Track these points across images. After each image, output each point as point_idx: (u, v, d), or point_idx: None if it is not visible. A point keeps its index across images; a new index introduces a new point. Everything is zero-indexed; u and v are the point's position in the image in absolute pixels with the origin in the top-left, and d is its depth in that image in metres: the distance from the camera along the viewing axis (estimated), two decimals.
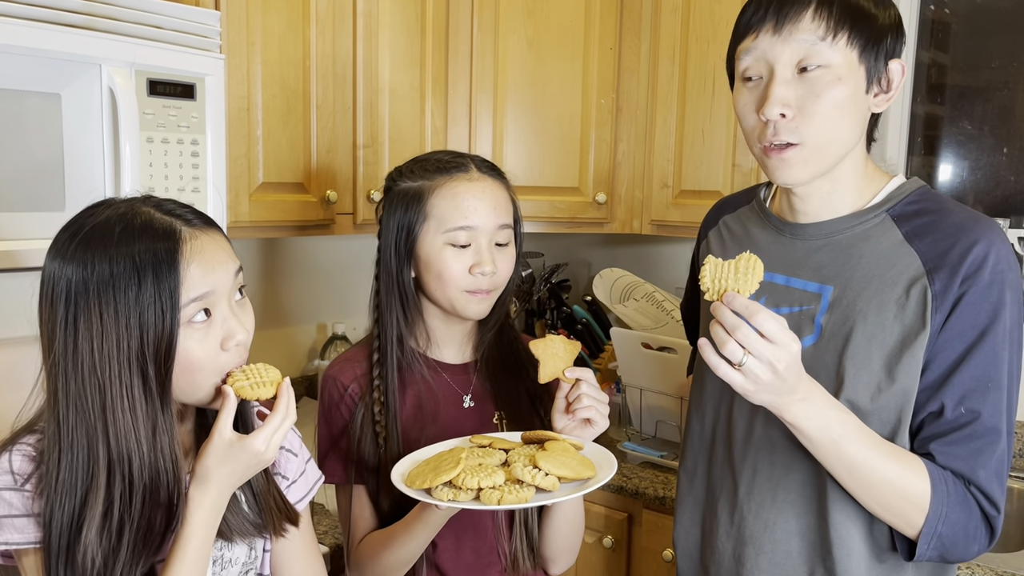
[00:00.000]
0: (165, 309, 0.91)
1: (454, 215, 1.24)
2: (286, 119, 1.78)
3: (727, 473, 1.25)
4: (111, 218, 0.94)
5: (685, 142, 2.14)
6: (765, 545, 1.20)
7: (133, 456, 0.93)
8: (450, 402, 1.33)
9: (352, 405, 1.29)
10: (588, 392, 1.20)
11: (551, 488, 1.07)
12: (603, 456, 1.18)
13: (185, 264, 0.93)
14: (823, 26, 1.05)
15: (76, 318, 0.92)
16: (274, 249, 2.23)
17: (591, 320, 2.45)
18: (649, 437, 2.12)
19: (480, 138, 2.17)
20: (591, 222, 2.26)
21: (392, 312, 1.29)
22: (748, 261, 1.01)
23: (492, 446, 1.18)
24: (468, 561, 1.31)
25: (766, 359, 0.98)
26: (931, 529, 1.07)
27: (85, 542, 0.91)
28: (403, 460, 1.17)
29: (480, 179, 1.27)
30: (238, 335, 0.98)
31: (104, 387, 0.92)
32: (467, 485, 1.06)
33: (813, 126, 1.07)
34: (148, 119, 1.47)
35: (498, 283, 1.28)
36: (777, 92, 1.06)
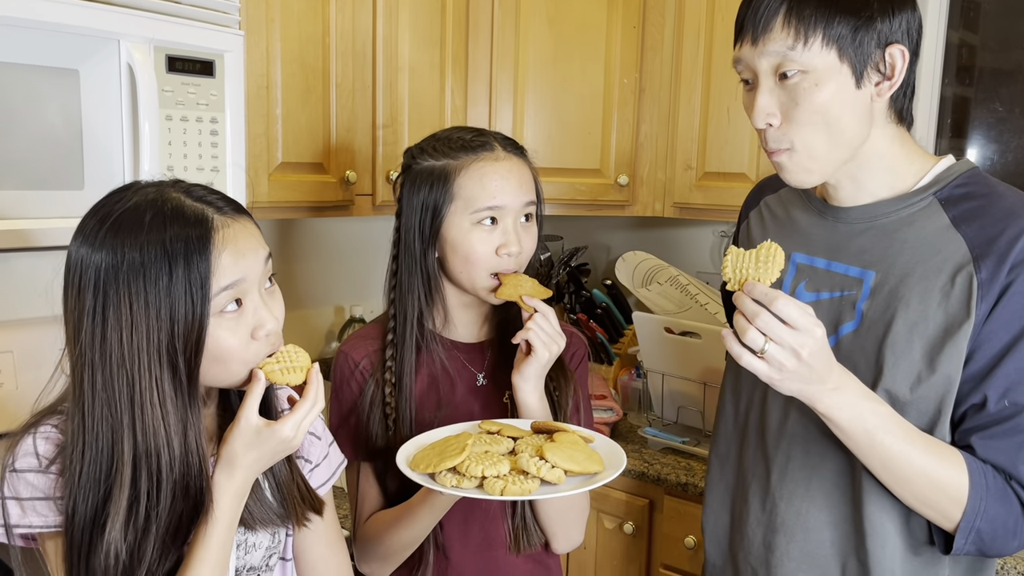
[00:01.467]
0: (196, 299, 0.89)
1: (482, 195, 1.22)
2: (305, 98, 1.75)
3: (759, 460, 1.23)
4: (140, 204, 0.92)
5: (710, 122, 2.10)
6: (797, 534, 1.18)
7: (162, 451, 0.91)
8: (463, 380, 1.32)
9: (362, 381, 1.28)
10: (537, 320, 1.20)
11: (556, 481, 1.05)
12: (612, 451, 1.16)
13: (217, 253, 0.91)
14: (791, 33, 1.03)
15: (105, 308, 0.89)
16: (292, 230, 2.20)
17: (611, 304, 2.42)
18: (671, 423, 2.09)
19: (500, 118, 2.14)
20: (613, 204, 2.22)
21: (413, 293, 1.27)
22: (769, 250, 1.01)
23: (501, 433, 1.16)
24: (475, 541, 1.31)
25: (788, 345, 0.96)
26: (969, 523, 1.04)
27: (109, 538, 0.89)
28: (409, 443, 1.16)
29: (506, 158, 1.25)
30: (268, 324, 0.95)
31: (133, 380, 0.89)
32: (471, 472, 1.04)
33: (799, 133, 1.06)
34: (167, 96, 1.44)
35: (522, 262, 1.26)
36: (760, 103, 1.07)
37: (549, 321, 1.21)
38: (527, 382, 1.23)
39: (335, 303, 2.35)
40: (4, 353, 1.59)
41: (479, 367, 1.34)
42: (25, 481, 0.92)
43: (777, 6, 1.04)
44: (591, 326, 2.36)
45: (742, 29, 1.08)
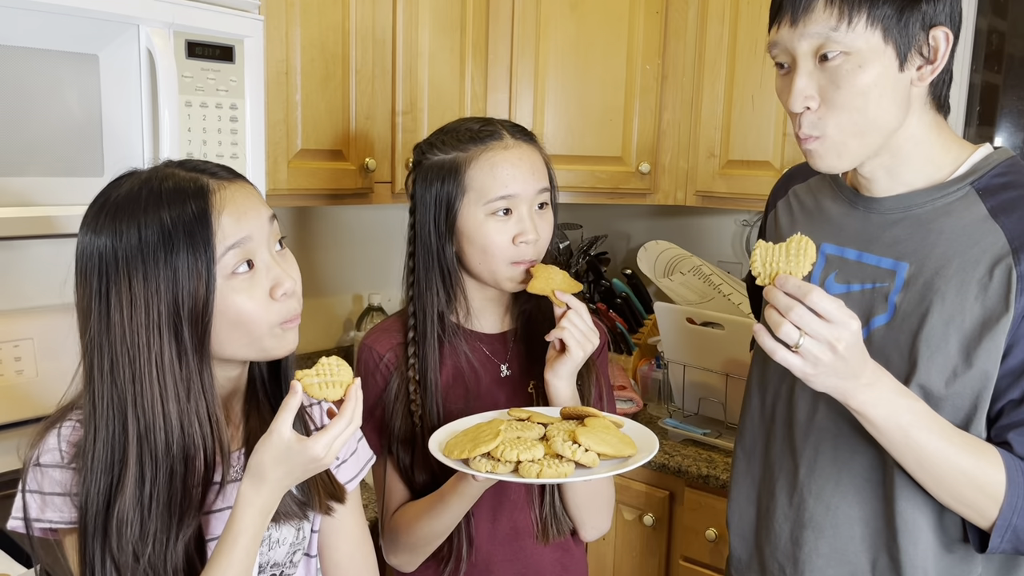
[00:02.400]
0: (200, 263, 0.88)
1: (494, 185, 1.21)
2: (325, 84, 1.74)
3: (787, 454, 1.21)
4: (135, 185, 0.92)
5: (734, 109, 2.06)
6: (826, 529, 1.16)
7: (159, 426, 0.90)
8: (487, 372, 1.31)
9: (388, 375, 1.28)
10: (571, 317, 1.18)
11: (591, 464, 1.05)
12: (644, 435, 1.15)
13: (216, 214, 0.90)
14: (835, 13, 0.99)
15: (108, 290, 0.89)
16: (310, 218, 2.19)
17: (630, 294, 2.40)
18: (691, 414, 2.07)
19: (520, 105, 2.11)
20: (634, 193, 2.20)
21: (432, 290, 1.26)
22: (799, 243, 0.99)
23: (531, 420, 1.16)
24: (504, 531, 1.30)
25: (823, 339, 0.94)
26: (1005, 521, 1.02)
27: (119, 518, 0.89)
28: (440, 430, 1.15)
29: (516, 146, 1.24)
30: (285, 283, 0.94)
31: (134, 357, 0.89)
32: (506, 457, 1.04)
33: (838, 117, 1.03)
34: (187, 82, 1.43)
35: (540, 250, 1.25)
36: (798, 85, 1.03)
37: (583, 318, 1.20)
38: (560, 380, 1.22)
39: (354, 291, 2.33)
40: (25, 340, 1.59)
41: (502, 358, 1.32)
42: (48, 476, 0.92)
43: None
44: (610, 316, 2.33)
45: (780, 10, 1.04)
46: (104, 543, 0.90)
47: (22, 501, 0.92)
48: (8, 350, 1.58)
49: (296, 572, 1.07)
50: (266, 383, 1.06)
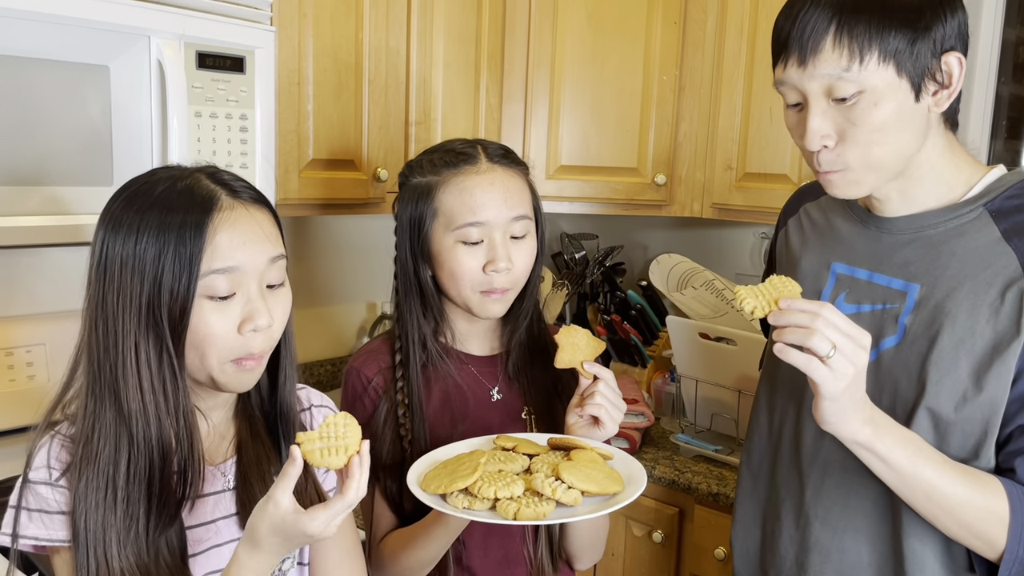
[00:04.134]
0: (182, 271, 0.88)
1: (462, 211, 1.19)
2: (337, 94, 1.74)
3: (793, 475, 1.19)
4: (159, 180, 0.93)
5: (751, 122, 2.03)
6: (832, 554, 1.14)
7: (139, 413, 0.91)
8: (477, 396, 1.28)
9: (376, 399, 1.25)
10: (603, 391, 1.15)
11: (572, 503, 1.01)
12: (633, 469, 1.11)
13: (212, 231, 0.90)
14: (845, 53, 0.96)
15: (104, 268, 0.91)
16: (323, 227, 2.20)
17: (646, 306, 2.38)
18: (704, 430, 2.04)
19: (536, 116, 2.10)
20: (649, 204, 2.18)
21: (413, 313, 1.25)
22: (781, 280, 0.98)
23: (516, 449, 1.13)
24: (496, 559, 1.28)
25: (848, 352, 0.93)
26: (1012, 555, 0.99)
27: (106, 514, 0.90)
28: (420, 460, 1.12)
29: (489, 170, 1.21)
30: (259, 319, 0.93)
31: (117, 337, 0.90)
32: (483, 494, 1.01)
33: (857, 153, 1.01)
34: (197, 93, 1.44)
35: (515, 280, 1.22)
36: (813, 126, 1.00)
37: (613, 389, 1.17)
38: None
39: (367, 299, 2.34)
40: (37, 345, 1.61)
41: (493, 381, 1.30)
42: (36, 493, 0.92)
43: (825, 24, 0.97)
44: (625, 328, 2.31)
45: (786, 49, 1.01)
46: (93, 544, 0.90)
47: (11, 516, 0.92)
48: (20, 355, 1.60)
49: None
50: (262, 394, 1.06)
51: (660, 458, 1.96)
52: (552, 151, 2.13)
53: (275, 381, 1.05)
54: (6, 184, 1.28)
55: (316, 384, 2.10)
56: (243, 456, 1.03)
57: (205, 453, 1.01)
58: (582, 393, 1.18)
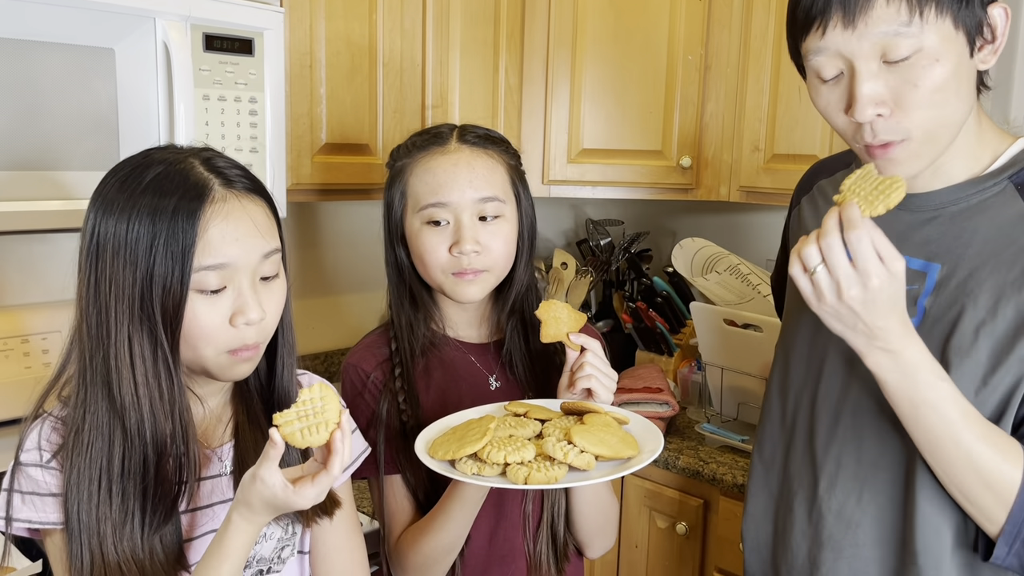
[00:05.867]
0: (175, 265, 0.86)
1: (426, 192, 1.17)
2: (351, 77, 1.71)
3: (807, 466, 1.13)
4: (151, 162, 0.91)
5: (779, 101, 1.96)
6: (845, 549, 1.08)
7: (132, 406, 0.89)
8: (475, 384, 1.25)
9: (377, 393, 1.22)
10: (591, 361, 1.12)
11: (585, 467, 0.97)
12: (648, 432, 1.07)
13: (204, 225, 0.87)
14: (903, 8, 0.88)
15: (97, 257, 0.88)
16: (339, 213, 2.17)
17: (672, 293, 2.32)
18: (730, 419, 1.98)
19: (557, 98, 2.05)
20: (674, 188, 2.12)
21: (399, 297, 1.24)
22: (893, 183, 0.90)
23: (528, 415, 1.09)
24: (500, 553, 1.24)
25: (836, 278, 0.88)
26: (1014, 528, 0.93)
27: (100, 505, 0.89)
28: (430, 427, 1.09)
29: (456, 150, 1.19)
30: (250, 313, 0.90)
31: (109, 330, 0.88)
32: (493, 459, 0.97)
33: (916, 118, 0.92)
34: (204, 75, 1.42)
35: (489, 263, 1.18)
36: (865, 91, 0.91)
37: (601, 358, 1.14)
38: None
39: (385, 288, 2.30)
40: (53, 333, 1.61)
41: (490, 369, 1.27)
42: (27, 475, 0.91)
43: None
44: (650, 315, 2.26)
45: (825, 12, 0.92)
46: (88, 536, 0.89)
47: (4, 499, 0.91)
48: (36, 343, 1.60)
49: (286, 569, 1.04)
50: (260, 379, 1.04)
51: (685, 448, 1.91)
52: (574, 134, 2.08)
53: (272, 367, 1.02)
54: (13, 169, 1.27)
55: (331, 376, 2.08)
56: (240, 440, 1.02)
57: (202, 437, 1.00)
58: (571, 368, 1.15)
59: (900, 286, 0.89)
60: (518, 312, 1.26)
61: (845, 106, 0.94)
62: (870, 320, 0.89)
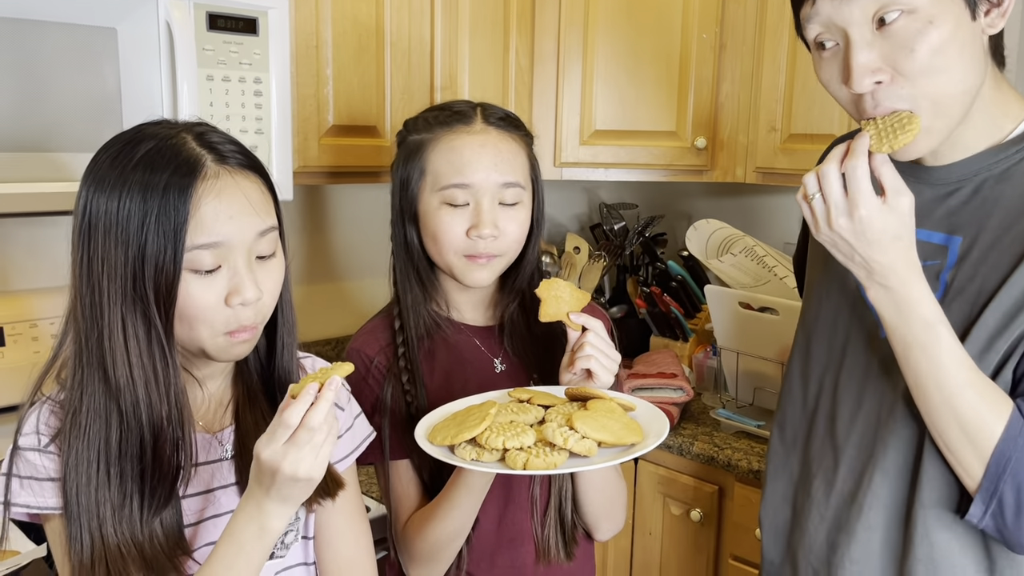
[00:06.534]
0: (167, 244, 0.84)
1: (448, 171, 1.14)
2: (358, 57, 1.68)
3: (827, 450, 1.11)
4: (142, 138, 0.88)
5: (797, 80, 1.92)
6: (858, 533, 1.06)
7: (128, 388, 0.87)
8: (480, 367, 1.23)
9: (381, 378, 1.20)
10: (592, 341, 1.09)
11: (586, 453, 0.95)
12: (654, 419, 1.05)
13: (196, 202, 0.85)
14: None
15: (88, 235, 0.86)
16: (347, 196, 2.15)
17: (687, 277, 2.28)
18: (745, 405, 1.95)
19: (569, 78, 2.02)
20: (689, 170, 2.08)
21: (405, 276, 1.21)
22: (909, 119, 0.89)
23: (531, 401, 1.07)
24: (507, 537, 1.22)
25: (829, 204, 0.89)
26: (990, 486, 0.90)
27: (99, 489, 0.87)
28: (431, 414, 1.08)
29: (483, 131, 1.16)
30: (246, 293, 0.88)
31: (102, 311, 0.86)
32: (491, 444, 0.95)
33: (920, 85, 0.89)
34: (207, 55, 1.40)
35: (503, 248, 1.17)
36: (859, 60, 0.89)
37: (603, 338, 1.11)
38: None
39: None
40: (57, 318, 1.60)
41: (495, 352, 1.25)
42: (25, 459, 0.90)
43: None
44: (665, 299, 2.22)
45: None
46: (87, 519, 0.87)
47: (3, 484, 0.90)
48: (45, 327, 1.59)
49: (290, 554, 1.03)
50: (260, 360, 1.02)
51: (699, 434, 1.88)
52: (586, 115, 2.04)
53: (272, 347, 1.00)
54: (16, 151, 1.26)
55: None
56: (241, 423, 1.00)
57: (202, 421, 0.98)
58: (572, 348, 1.12)
59: (901, 222, 0.88)
60: (520, 293, 1.24)
61: (843, 77, 0.92)
62: (866, 253, 0.90)
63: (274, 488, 0.83)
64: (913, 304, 0.91)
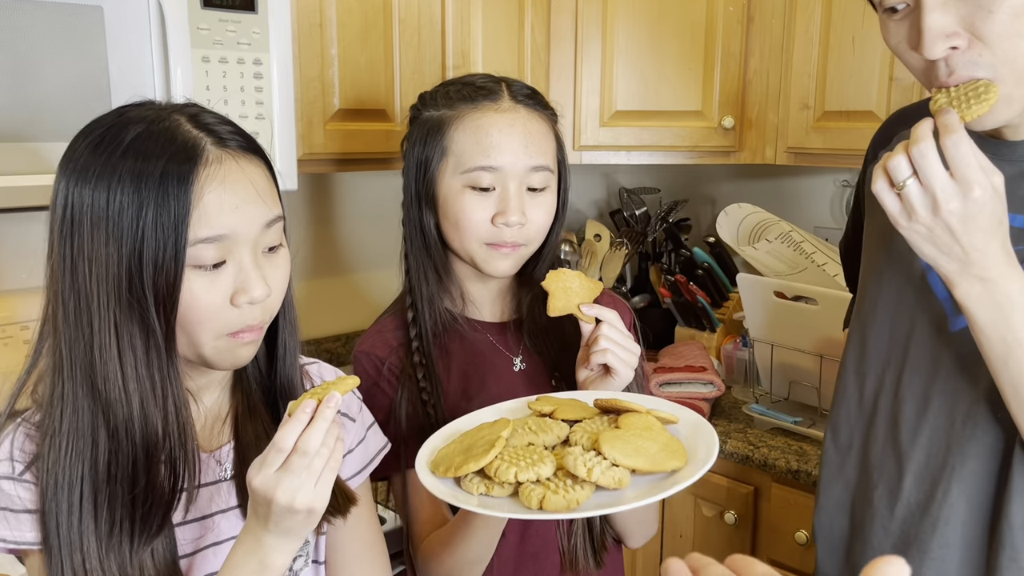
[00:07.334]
0: (167, 238, 0.75)
1: (475, 152, 1.05)
2: (364, 36, 1.58)
3: (890, 455, 1.01)
4: (130, 121, 0.78)
5: (831, 53, 1.80)
6: (932, 550, 0.96)
7: (119, 401, 0.78)
8: (499, 366, 1.13)
9: (394, 380, 1.10)
10: (608, 333, 1.00)
11: (615, 486, 0.81)
12: (701, 436, 0.88)
13: (199, 190, 0.76)
14: None
15: (73, 233, 0.77)
16: (351, 185, 2.05)
17: (713, 264, 2.17)
18: (780, 400, 1.84)
19: (587, 56, 1.91)
20: (716, 151, 1.96)
21: (420, 265, 1.11)
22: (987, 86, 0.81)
23: (556, 415, 0.94)
24: (532, 548, 1.12)
25: (932, 191, 0.77)
26: None
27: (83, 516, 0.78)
28: (436, 434, 0.94)
29: (511, 110, 1.07)
30: (254, 291, 0.79)
31: (92, 317, 0.76)
32: (502, 477, 0.81)
33: (999, 51, 0.80)
34: (202, 35, 1.30)
35: (529, 236, 1.08)
36: (932, 23, 0.81)
37: (619, 329, 1.01)
38: None
39: None
40: None
41: (513, 350, 1.15)
42: None
43: None
44: (691, 289, 2.12)
45: None
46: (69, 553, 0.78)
47: None
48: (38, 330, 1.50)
49: None
50: (260, 368, 0.92)
51: (732, 431, 1.78)
52: (606, 95, 1.93)
53: (273, 352, 0.91)
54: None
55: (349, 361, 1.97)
56: (241, 439, 0.90)
57: (198, 439, 0.88)
58: (587, 343, 1.03)
59: (1002, 203, 0.78)
60: (539, 285, 1.15)
61: (913, 43, 0.83)
62: (968, 241, 0.78)
63: (271, 520, 0.74)
64: (1015, 299, 0.80)
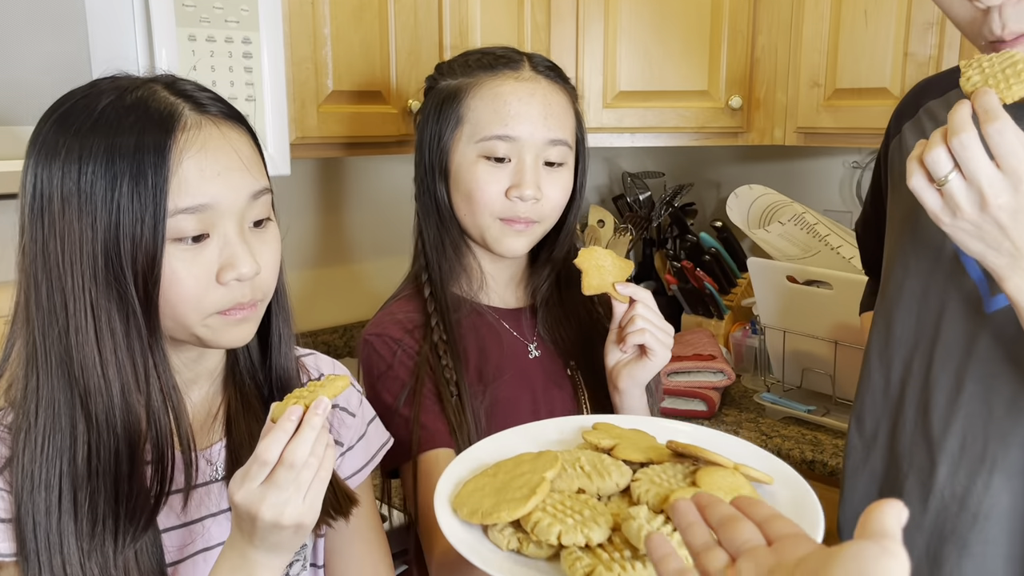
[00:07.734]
0: (144, 210, 0.69)
1: (492, 120, 1.01)
2: (359, 15, 1.52)
3: (921, 444, 0.96)
4: (103, 91, 0.73)
5: (842, 28, 1.74)
6: (972, 545, 0.92)
7: (99, 390, 0.72)
8: (513, 354, 1.08)
9: (409, 363, 1.03)
10: (643, 313, 0.98)
11: None
12: (803, 505, 0.72)
13: (177, 156, 0.70)
14: None
15: (42, 210, 0.71)
16: (347, 170, 1.99)
17: (721, 249, 2.12)
18: (792, 388, 1.79)
19: (589, 35, 1.84)
20: (723, 132, 1.90)
21: (437, 240, 1.07)
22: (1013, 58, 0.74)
23: (615, 453, 0.78)
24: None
25: (978, 185, 0.71)
26: None
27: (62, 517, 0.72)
28: (460, 458, 0.82)
29: (532, 79, 1.03)
30: (241, 267, 0.73)
31: (67, 300, 0.71)
32: (542, 535, 0.67)
33: None
34: (187, 12, 1.23)
35: (543, 213, 1.04)
36: None
37: (654, 310, 0.98)
38: (638, 387, 1.01)
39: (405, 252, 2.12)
40: None
41: (528, 336, 1.11)
42: None
43: None
44: (698, 275, 2.06)
45: None
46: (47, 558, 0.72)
47: None
48: None
49: None
50: (252, 359, 0.86)
51: (744, 421, 1.72)
52: (609, 75, 1.87)
53: (266, 343, 0.85)
54: None
55: (350, 352, 1.92)
56: (234, 436, 0.84)
57: None
58: (621, 323, 0.99)
59: None
60: (555, 268, 1.10)
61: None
62: (1019, 235, 0.73)
63: (256, 536, 0.69)
64: None
